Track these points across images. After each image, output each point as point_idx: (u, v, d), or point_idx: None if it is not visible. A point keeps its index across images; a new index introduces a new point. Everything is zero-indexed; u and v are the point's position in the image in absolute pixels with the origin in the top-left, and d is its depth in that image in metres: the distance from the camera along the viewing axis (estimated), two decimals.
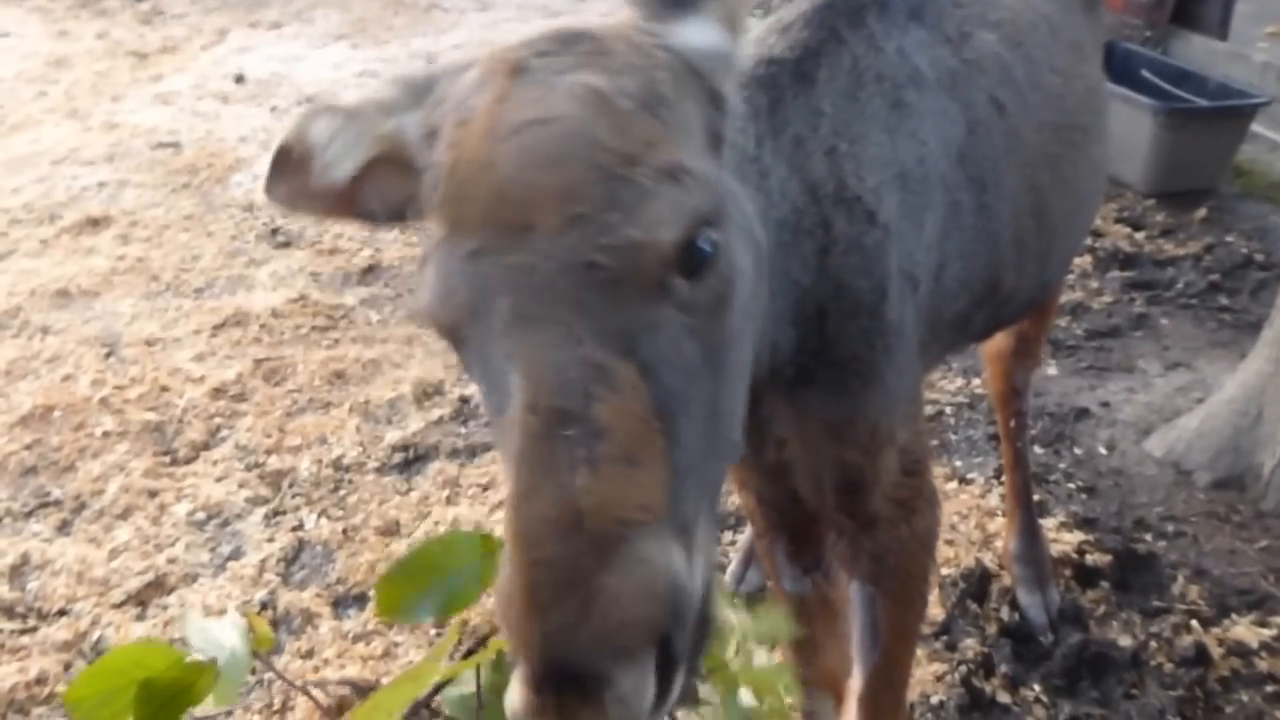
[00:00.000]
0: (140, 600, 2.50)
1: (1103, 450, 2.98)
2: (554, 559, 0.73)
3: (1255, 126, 4.64)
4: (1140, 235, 4.17)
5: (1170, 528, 2.65)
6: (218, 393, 3.28)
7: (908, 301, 1.36)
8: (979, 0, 1.60)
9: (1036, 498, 2.63)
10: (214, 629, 0.82)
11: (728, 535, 2.64)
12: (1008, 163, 1.54)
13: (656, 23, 0.98)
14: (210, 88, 6.13)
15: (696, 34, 0.99)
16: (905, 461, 1.44)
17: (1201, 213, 4.30)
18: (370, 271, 4.05)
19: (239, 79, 6.22)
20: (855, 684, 1.56)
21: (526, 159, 0.85)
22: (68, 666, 2.30)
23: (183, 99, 5.96)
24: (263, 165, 4.55)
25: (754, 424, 1.33)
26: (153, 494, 2.86)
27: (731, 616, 0.92)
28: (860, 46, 1.36)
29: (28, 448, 3.03)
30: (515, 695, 0.73)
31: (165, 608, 2.48)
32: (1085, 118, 1.81)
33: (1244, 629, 2.30)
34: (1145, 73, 4.68)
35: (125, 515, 2.78)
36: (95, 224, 4.42)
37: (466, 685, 0.85)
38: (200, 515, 2.79)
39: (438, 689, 0.75)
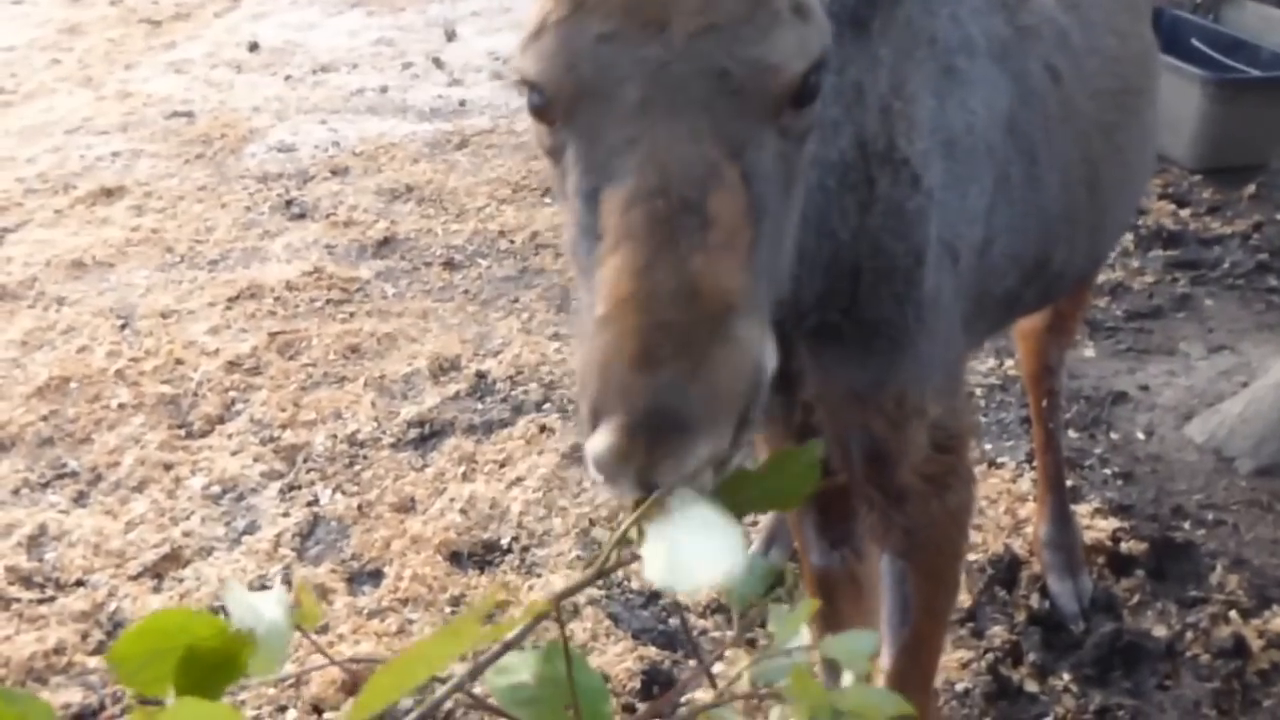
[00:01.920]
0: (156, 573, 2.57)
1: (1140, 435, 2.96)
2: (672, 323, 0.82)
3: None
4: (1185, 212, 4.13)
5: (1210, 516, 2.64)
6: (232, 366, 3.34)
7: (946, 271, 1.37)
8: None
9: (1070, 483, 2.64)
10: (255, 600, 0.83)
11: (749, 516, 2.66)
12: (1061, 133, 1.55)
13: None
14: (224, 56, 6.19)
15: None
16: (938, 437, 1.45)
17: (1250, 189, 4.24)
18: (386, 244, 4.10)
19: (253, 47, 6.28)
20: (883, 661, 1.59)
21: None
22: (85, 636, 2.38)
23: (196, 67, 6.02)
24: (277, 135, 4.58)
25: (782, 382, 1.34)
26: (168, 467, 2.92)
27: (808, 639, 0.93)
28: (915, 6, 1.37)
29: (44, 419, 3.10)
30: (602, 442, 0.79)
31: (181, 580, 2.55)
32: (1141, 81, 1.81)
33: None
34: (1195, 41, 4.60)
35: (141, 488, 2.85)
36: (109, 194, 4.50)
37: (516, 674, 0.85)
38: (215, 489, 2.85)
39: (478, 670, 0.76)
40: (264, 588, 2.50)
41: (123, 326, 3.58)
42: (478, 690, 0.77)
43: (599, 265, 0.88)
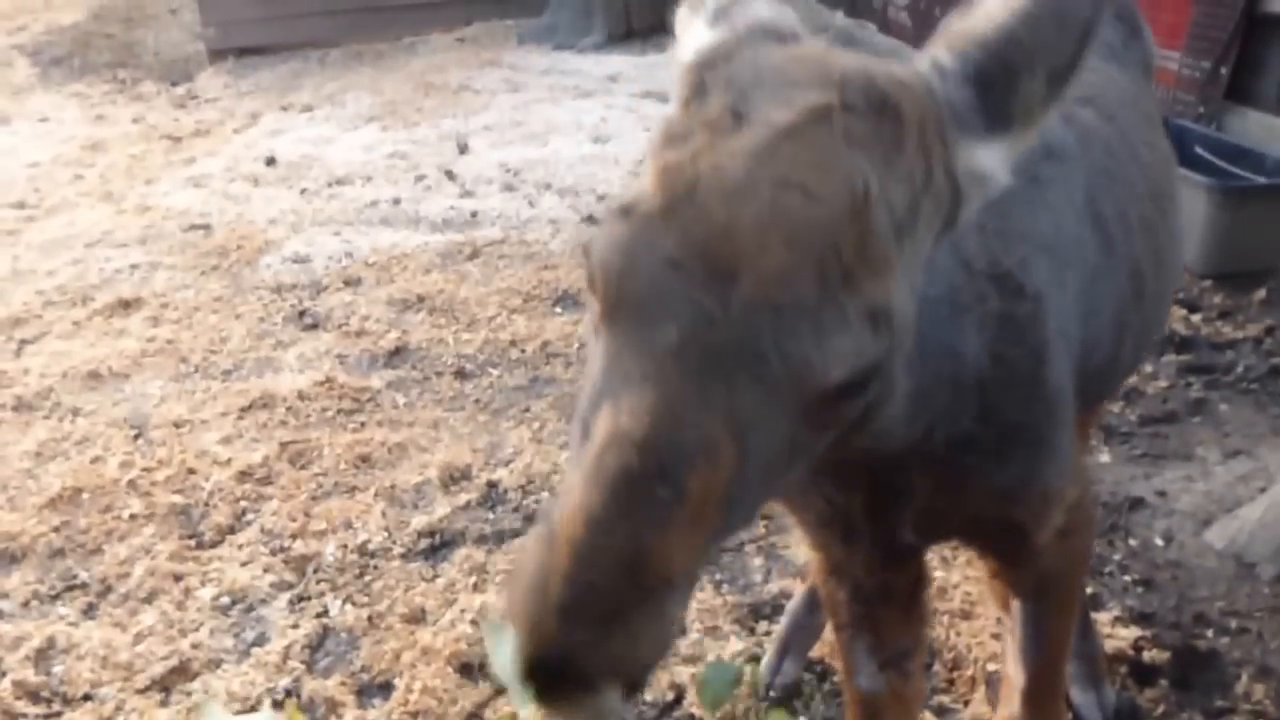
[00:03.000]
0: (164, 686, 2.62)
1: (1159, 541, 2.98)
2: (602, 588, 0.84)
3: None
4: (1197, 318, 4.23)
5: (1233, 623, 2.65)
6: (244, 475, 3.45)
7: (1062, 357, 1.45)
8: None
9: (1090, 590, 2.66)
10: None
11: (763, 625, 2.71)
12: (1119, 229, 1.67)
13: (960, 129, 1.01)
14: (242, 170, 6.51)
15: (987, 160, 1.03)
16: (1070, 505, 1.57)
17: (1261, 294, 4.35)
18: (397, 354, 4.25)
19: (270, 161, 6.60)
20: (1018, 681, 1.77)
21: (772, 218, 0.89)
22: None
23: (214, 181, 6.32)
24: (292, 247, 4.80)
25: (881, 498, 1.46)
26: (178, 578, 3.00)
27: None
28: None
29: (55, 530, 3.20)
30: (512, 654, 0.85)
31: (189, 694, 2.59)
32: (1167, 186, 1.94)
33: None
34: (1199, 150, 4.77)
35: (150, 599, 2.92)
36: (127, 306, 4.70)
37: None
38: (225, 600, 2.92)
39: None
40: (276, 702, 2.55)
41: (136, 436, 3.71)
42: None
43: (574, 472, 0.90)
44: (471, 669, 2.64)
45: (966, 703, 2.47)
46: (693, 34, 1.13)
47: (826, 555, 1.67)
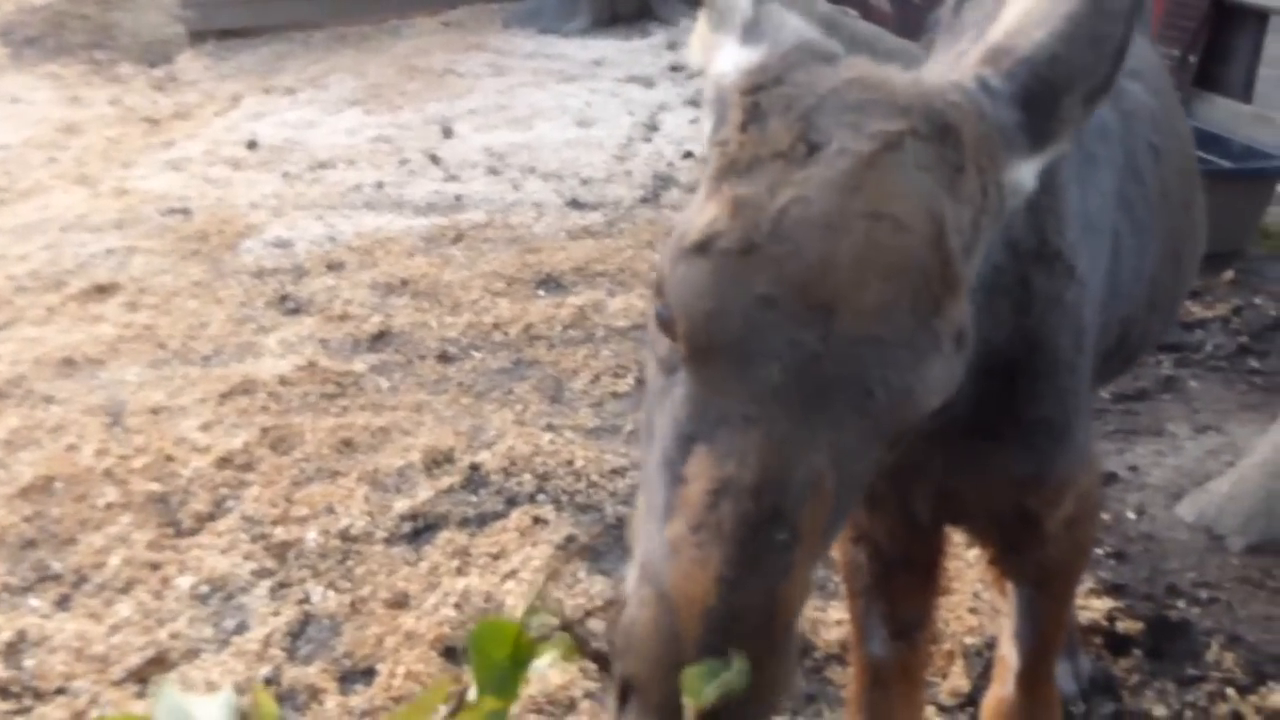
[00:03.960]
0: (141, 677, 2.56)
1: (1132, 515, 3.04)
2: (744, 647, 0.83)
3: None
4: None
5: (1203, 594, 2.70)
6: (223, 462, 3.38)
7: (1091, 350, 1.43)
8: None
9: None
10: (192, 706, 0.80)
11: None
12: (1160, 206, 1.65)
13: (1009, 150, 1.02)
14: (222, 154, 6.40)
15: (1027, 175, 1.05)
16: (1081, 494, 1.56)
17: (1229, 275, 4.43)
18: (380, 338, 4.18)
19: (251, 145, 6.50)
20: (1013, 664, 1.78)
21: (867, 251, 0.88)
22: None
23: (194, 165, 6.21)
24: (274, 231, 4.72)
25: (901, 476, 1.42)
26: (155, 567, 2.93)
27: None
28: None
29: (27, 520, 3.12)
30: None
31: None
32: (1194, 161, 1.96)
33: None
34: None
35: (127, 589, 2.85)
36: (102, 291, 4.60)
37: None
38: (204, 588, 2.86)
39: None
40: (243, 691, 2.49)
41: (112, 424, 3.63)
42: None
43: (673, 518, 0.87)
44: (455, 653, 2.59)
45: (945, 675, 2.47)
46: (724, 51, 1.09)
47: (851, 520, 1.64)
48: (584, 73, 7.97)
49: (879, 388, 0.88)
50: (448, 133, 6.65)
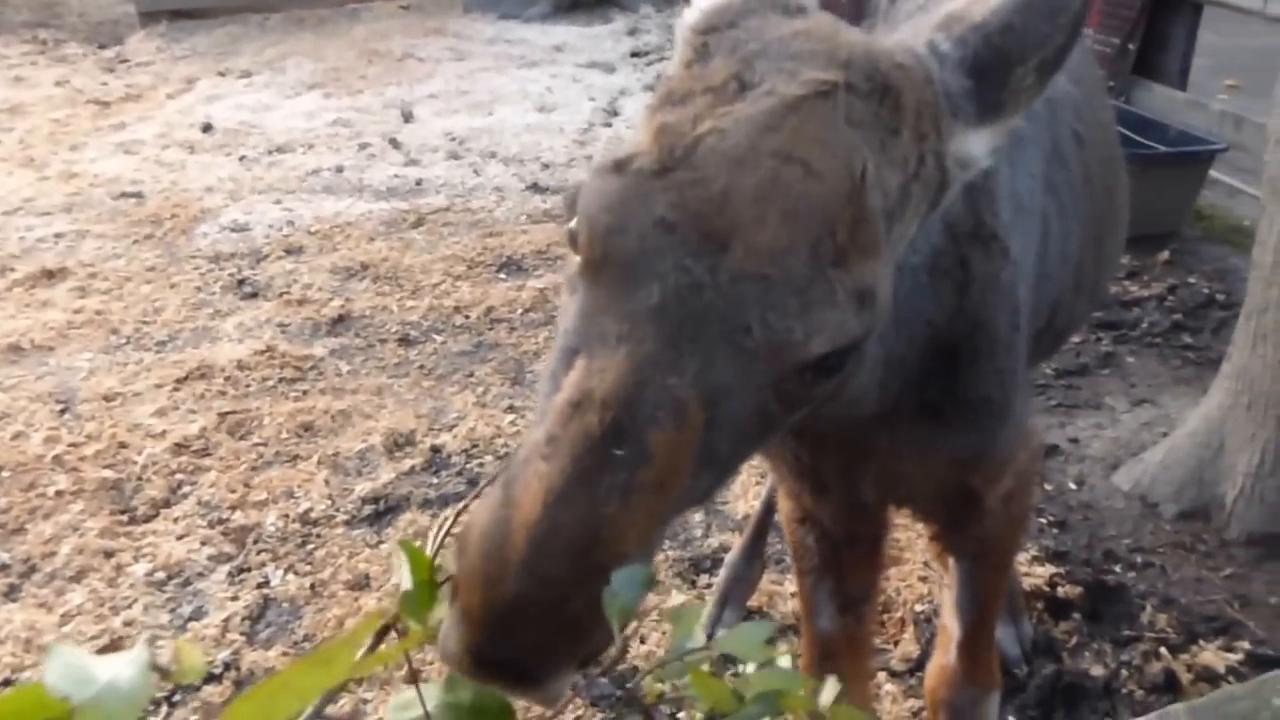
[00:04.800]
0: None
1: (1072, 485, 3.12)
2: (558, 580, 0.77)
3: (1214, 172, 4.93)
4: None
5: (1139, 559, 2.78)
6: (180, 448, 3.28)
7: (1026, 329, 1.43)
8: None
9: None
10: (89, 664, 0.68)
11: (704, 578, 2.68)
12: (1083, 192, 1.65)
13: (954, 118, 0.99)
14: (176, 137, 6.23)
15: (977, 146, 1.02)
16: (1020, 470, 1.58)
17: (1165, 255, 4.54)
18: (340, 322, 4.09)
19: (206, 128, 6.33)
20: (954, 633, 1.81)
21: (771, 190, 0.86)
22: None
23: (147, 148, 6.05)
24: (230, 215, 4.59)
25: (847, 459, 1.44)
26: (109, 554, 2.84)
27: (702, 639, 0.93)
28: None
29: None
30: (448, 642, 0.78)
31: None
32: (1118, 151, 1.97)
33: (1211, 655, 2.41)
34: None
35: (79, 577, 2.76)
36: (51, 276, 4.46)
37: (414, 709, 0.84)
38: (160, 575, 2.77)
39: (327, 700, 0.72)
40: (212, 675, 2.43)
41: (63, 411, 3.51)
42: None
43: (537, 429, 0.85)
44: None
45: (896, 642, 2.50)
46: None
47: (797, 503, 1.66)
48: (545, 58, 7.88)
49: (757, 325, 0.85)
50: (408, 117, 6.54)
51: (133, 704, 0.64)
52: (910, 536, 2.78)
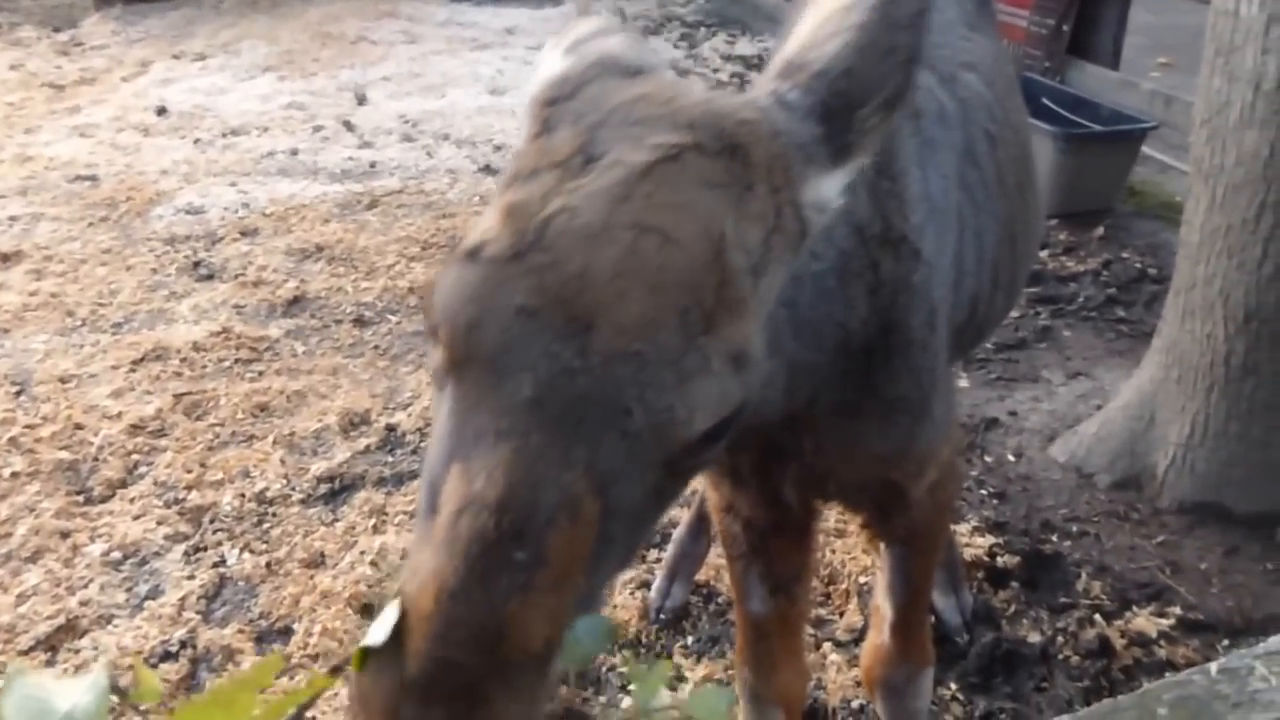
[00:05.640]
0: (50, 645, 2.45)
1: (1011, 457, 3.13)
2: (459, 664, 0.75)
3: (1146, 149, 4.98)
4: (1044, 253, 4.39)
5: (1074, 528, 2.80)
6: (135, 429, 3.23)
7: (944, 327, 1.41)
8: (949, 43, 1.69)
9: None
10: (47, 692, 0.68)
11: (652, 553, 2.69)
12: (996, 191, 1.65)
13: (806, 165, 0.95)
14: (131, 120, 6.08)
15: (830, 189, 0.98)
16: (942, 466, 1.56)
17: (1099, 231, 4.58)
18: (295, 303, 4.04)
19: (161, 111, 6.18)
20: (887, 614, 1.81)
21: (630, 264, 0.81)
22: None
23: (102, 131, 5.89)
24: (185, 198, 4.47)
25: (764, 459, 1.42)
26: (65, 535, 2.80)
27: (667, 699, 0.92)
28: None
29: None
30: (356, 704, 0.77)
31: (78, 651, 2.43)
32: (1030, 150, 1.96)
33: (1144, 620, 2.44)
34: (1045, 100, 4.97)
35: (35, 558, 2.72)
36: (6, 259, 4.35)
37: None
38: (116, 555, 2.74)
39: None
40: (169, 653, 2.41)
41: (18, 393, 3.44)
42: None
43: (423, 540, 0.80)
44: (372, 609, 2.53)
45: (841, 614, 2.52)
46: (547, 63, 1.04)
47: (720, 494, 1.65)
48: (496, 40, 7.79)
49: (637, 406, 0.80)
50: (361, 99, 6.43)
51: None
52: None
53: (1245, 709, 0.96)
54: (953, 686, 2.27)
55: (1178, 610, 2.47)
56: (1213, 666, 1.00)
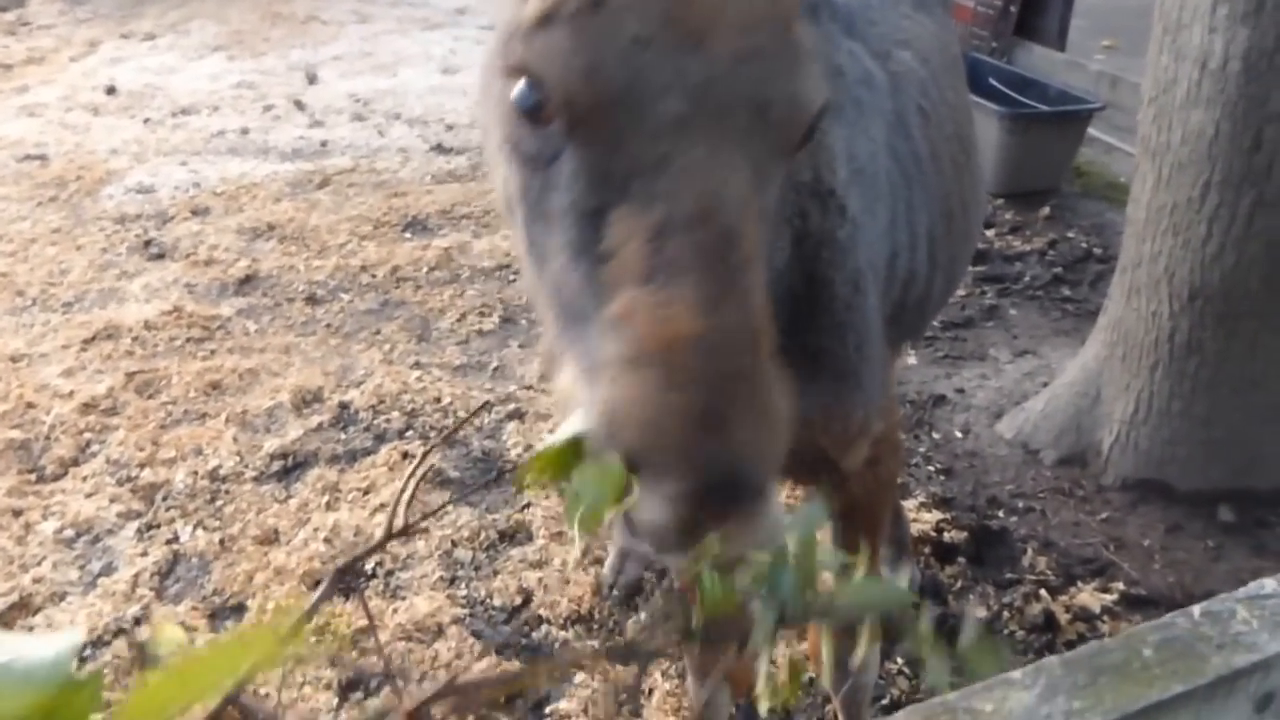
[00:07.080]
0: (4, 622, 2.37)
1: (959, 434, 3.09)
2: (741, 372, 0.71)
3: (1092, 131, 4.92)
4: (990, 233, 4.38)
5: (1020, 504, 2.76)
6: (87, 407, 3.13)
7: (873, 293, 1.38)
8: (887, 21, 1.67)
9: (899, 481, 2.74)
10: (14, 643, 0.59)
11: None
12: (931, 167, 1.62)
13: None
14: (80, 99, 5.84)
15: None
16: (878, 438, 1.51)
17: (1045, 211, 4.53)
18: (247, 281, 3.93)
19: (110, 90, 5.95)
20: None
21: None
22: None
23: (51, 111, 5.66)
24: (135, 177, 4.32)
25: None
26: (17, 513, 2.71)
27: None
28: (821, 41, 1.35)
29: None
30: (663, 513, 0.68)
31: (31, 628, 2.35)
32: (970, 130, 1.93)
33: (1088, 595, 2.41)
34: (992, 80, 4.93)
35: None
36: None
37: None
38: (69, 532, 2.66)
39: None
40: (121, 630, 2.35)
41: None
42: None
43: (616, 292, 0.75)
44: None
45: None
46: None
47: None
48: (448, 20, 7.63)
49: (775, 96, 0.82)
50: (312, 79, 6.25)
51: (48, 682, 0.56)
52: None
53: (1229, 650, 0.96)
54: (899, 661, 2.26)
55: (1121, 585, 2.44)
56: (1195, 610, 1.01)
